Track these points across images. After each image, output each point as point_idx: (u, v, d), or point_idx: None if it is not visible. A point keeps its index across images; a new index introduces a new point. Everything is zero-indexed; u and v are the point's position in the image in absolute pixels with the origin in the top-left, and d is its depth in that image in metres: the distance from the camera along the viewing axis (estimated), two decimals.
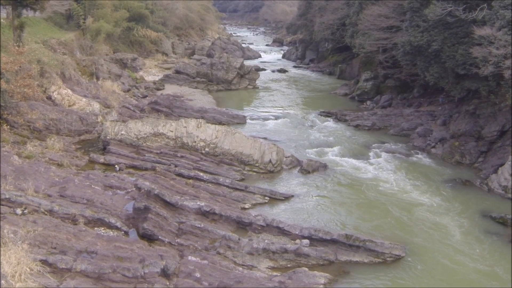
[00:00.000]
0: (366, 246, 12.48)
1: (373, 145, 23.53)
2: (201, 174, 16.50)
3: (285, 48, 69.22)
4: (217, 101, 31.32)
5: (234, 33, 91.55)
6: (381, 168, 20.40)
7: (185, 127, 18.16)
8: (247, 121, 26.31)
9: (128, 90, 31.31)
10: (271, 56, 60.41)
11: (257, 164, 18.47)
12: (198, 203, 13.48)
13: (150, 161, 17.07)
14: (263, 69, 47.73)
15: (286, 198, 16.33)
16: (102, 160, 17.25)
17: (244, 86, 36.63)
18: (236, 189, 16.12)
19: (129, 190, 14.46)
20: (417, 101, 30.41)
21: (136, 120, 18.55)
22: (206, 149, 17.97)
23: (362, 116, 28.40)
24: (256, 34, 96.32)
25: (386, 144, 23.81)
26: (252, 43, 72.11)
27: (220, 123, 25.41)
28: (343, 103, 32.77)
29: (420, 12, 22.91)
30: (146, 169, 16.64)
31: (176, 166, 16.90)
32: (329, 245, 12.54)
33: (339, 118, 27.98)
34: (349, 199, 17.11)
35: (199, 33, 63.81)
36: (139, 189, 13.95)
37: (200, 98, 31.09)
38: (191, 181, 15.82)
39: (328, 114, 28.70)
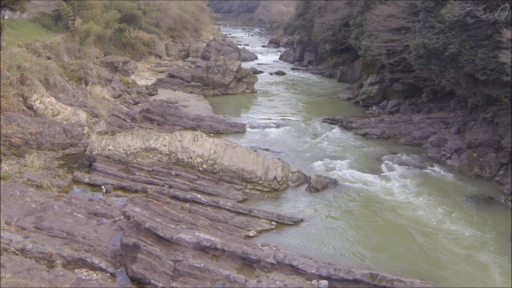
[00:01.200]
0: (394, 287, 10.64)
1: (385, 156, 21.73)
2: (199, 196, 14.59)
3: (282, 49, 67.37)
4: (214, 107, 29.42)
5: (229, 34, 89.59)
6: (395, 184, 18.60)
7: (180, 141, 16.26)
8: (246, 129, 24.45)
9: (119, 96, 29.37)
10: (268, 58, 58.56)
11: (260, 182, 16.60)
12: (196, 234, 11.59)
13: (141, 181, 15.15)
14: (261, 72, 45.88)
15: (295, 222, 14.47)
16: (87, 180, 15.32)
17: (242, 90, 34.75)
18: (239, 213, 14.26)
19: (117, 219, 12.55)
20: (427, 107, 28.66)
21: (125, 134, 16.62)
22: (204, 165, 16.08)
23: (369, 123, 26.61)
24: (252, 35, 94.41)
25: (398, 155, 22.01)
26: (247, 44, 70.22)
27: (217, 132, 23.58)
28: (347, 108, 30.97)
29: (435, 12, 21.13)
30: (136, 191, 14.72)
31: (170, 187, 14.99)
32: (351, 286, 10.70)
33: (345, 126, 26.16)
34: (365, 221, 15.29)
35: (193, 34, 61.84)
36: (128, 217, 12.07)
37: (196, 104, 29.18)
38: (187, 205, 13.91)
39: (333, 121, 26.88)
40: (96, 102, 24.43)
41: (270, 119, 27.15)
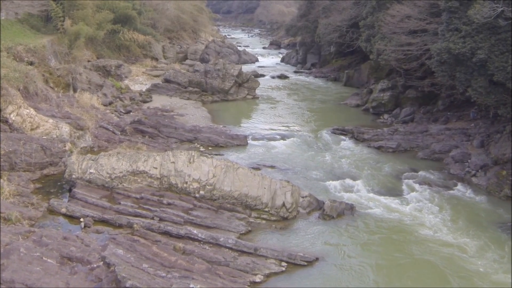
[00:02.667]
0: None
1: (404, 174, 19.49)
2: (195, 231, 12.31)
3: (283, 51, 65.18)
4: (213, 115, 27.16)
5: (228, 35, 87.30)
6: (419, 208, 16.36)
7: (173, 162, 13.97)
8: (248, 142, 22.18)
9: (110, 104, 27.07)
10: (269, 60, 56.30)
11: (266, 209, 14.35)
12: (192, 287, 9.33)
13: (127, 213, 12.87)
14: (262, 75, 43.65)
15: (309, 262, 12.22)
16: (64, 210, 13.05)
17: (243, 96, 32.48)
18: (243, 252, 12.01)
19: (95, 266, 10.26)
20: (443, 116, 26.40)
21: (110, 154, 14.33)
22: (201, 192, 13.80)
23: (382, 134, 24.38)
24: (251, 36, 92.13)
25: (418, 173, 19.77)
26: (248, 46, 67.97)
27: (217, 145, 21.32)
28: (356, 116, 28.73)
29: (460, 13, 18.89)
30: (120, 226, 12.43)
31: (161, 219, 12.72)
32: None
33: (356, 137, 23.91)
34: (390, 259, 13.05)
35: (191, 35, 59.53)
36: (107, 265, 9.81)
37: (193, 113, 26.90)
38: (181, 244, 11.63)
39: (343, 132, 24.62)
40: (83, 111, 22.14)
41: (274, 129, 24.87)
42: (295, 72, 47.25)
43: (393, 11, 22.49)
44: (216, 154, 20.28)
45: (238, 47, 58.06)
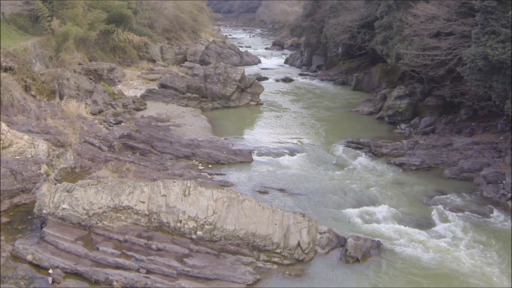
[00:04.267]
0: None
1: (432, 198, 16.97)
2: None
3: (287, 51, 62.62)
4: (213, 125, 24.63)
5: (229, 35, 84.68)
6: (455, 244, 13.85)
7: (164, 195, 11.45)
8: (253, 158, 19.66)
9: (100, 112, 24.56)
10: (272, 62, 53.70)
11: (278, 250, 11.86)
12: None
13: (105, 264, 10.33)
14: (265, 78, 41.11)
15: None
16: (29, 258, 10.52)
17: (246, 103, 29.95)
18: None
19: None
20: (467, 126, 23.86)
21: (88, 184, 11.77)
22: (199, 232, 11.28)
23: (402, 148, 21.85)
24: (253, 36, 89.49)
25: (447, 196, 17.25)
26: (249, 46, 65.39)
27: (217, 162, 18.82)
28: (370, 126, 26.19)
29: (498, 13, 16.37)
30: (97, 282, 9.89)
31: (148, 271, 10.20)
32: None
33: (374, 152, 21.37)
34: None
35: (191, 35, 56.99)
36: None
37: (191, 122, 24.37)
38: None
39: (358, 145, 22.08)
40: (67, 123, 19.62)
41: (281, 142, 22.33)
42: (300, 74, 44.70)
43: (416, 11, 19.95)
44: (217, 174, 17.79)
45: (240, 48, 55.49)
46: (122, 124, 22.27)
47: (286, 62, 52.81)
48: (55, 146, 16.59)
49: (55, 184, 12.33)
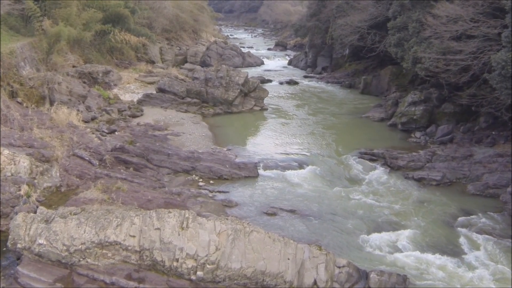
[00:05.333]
0: None
1: (457, 219, 15.26)
2: None
3: (290, 52, 60.92)
4: (215, 134, 22.92)
5: (230, 35, 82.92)
6: (488, 277, 12.15)
7: (157, 228, 9.73)
8: (259, 172, 17.93)
9: (93, 119, 22.87)
10: (276, 63, 51.95)
11: None
12: None
13: None
14: (269, 81, 39.41)
15: None
16: None
17: (249, 108, 28.22)
18: None
19: None
20: (488, 136, 22.14)
21: (69, 215, 10.06)
22: (199, 272, 9.55)
23: (419, 160, 20.14)
24: (255, 36, 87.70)
25: (473, 217, 15.54)
26: (251, 47, 63.66)
27: (220, 177, 17.11)
28: (382, 134, 24.45)
29: None
30: None
31: None
32: None
33: (389, 164, 19.65)
34: None
35: (192, 36, 55.26)
36: None
37: (191, 131, 22.64)
38: None
39: (372, 157, 20.36)
40: (54, 133, 17.93)
41: (288, 153, 20.59)
42: (305, 76, 42.96)
43: (437, 11, 18.20)
44: (219, 191, 16.08)
45: (242, 49, 53.74)
46: (116, 133, 20.56)
47: (289, 63, 51.09)
48: (39, 161, 14.89)
49: (33, 213, 10.59)
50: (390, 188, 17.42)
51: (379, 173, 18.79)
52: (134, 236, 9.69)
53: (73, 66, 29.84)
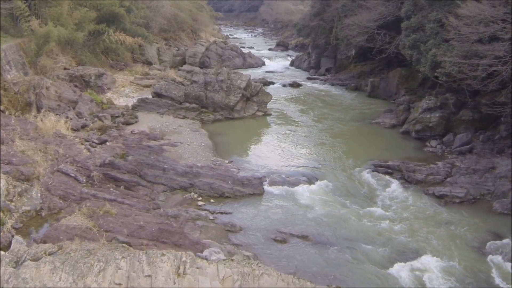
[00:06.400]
0: None
1: (486, 244, 13.57)
2: None
3: (291, 52, 59.19)
4: (215, 143, 21.22)
5: (230, 34, 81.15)
6: None
7: (148, 276, 8.01)
8: (265, 188, 16.21)
9: (83, 127, 21.15)
10: (277, 64, 50.21)
11: None
12: None
13: None
14: (271, 83, 37.73)
15: None
16: None
17: (252, 113, 26.50)
18: None
19: None
20: (510, 146, 20.45)
21: (44, 252, 8.37)
22: None
23: (438, 173, 18.44)
24: (255, 36, 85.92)
25: (503, 241, 13.84)
26: (252, 47, 61.93)
27: (221, 195, 15.41)
28: (395, 143, 22.77)
29: None
30: None
31: None
32: None
33: (406, 178, 17.95)
34: None
35: (190, 36, 53.47)
36: None
37: (190, 139, 20.94)
38: None
39: (387, 170, 18.65)
40: (38, 146, 16.20)
41: (295, 165, 18.87)
42: (308, 78, 41.22)
43: (463, 10, 16.48)
44: (221, 212, 14.36)
45: (242, 49, 51.98)
46: (108, 143, 18.82)
47: (292, 64, 49.35)
48: (17, 180, 13.18)
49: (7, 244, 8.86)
50: (410, 207, 15.72)
51: (396, 188, 17.08)
52: (120, 284, 7.96)
53: (65, 69, 28.11)
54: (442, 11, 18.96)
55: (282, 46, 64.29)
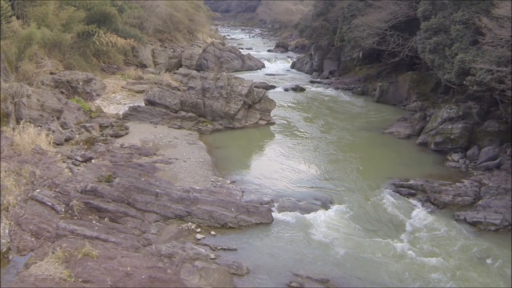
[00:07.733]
0: None
1: None
2: None
3: (291, 54, 57.08)
4: (214, 157, 19.08)
5: (227, 35, 78.96)
6: None
7: None
8: (273, 215, 14.06)
9: (67, 140, 18.98)
10: (278, 66, 48.09)
11: None
12: None
13: None
14: (272, 87, 35.56)
15: None
16: None
17: (254, 122, 24.36)
18: None
19: None
20: None
21: None
22: None
23: (466, 193, 16.40)
24: (253, 36, 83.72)
25: None
26: (251, 48, 59.79)
27: (223, 225, 13.27)
28: (413, 156, 20.67)
29: None
30: None
31: None
32: None
33: (432, 201, 15.83)
34: None
35: (187, 36, 51.28)
36: None
37: (186, 154, 18.78)
38: None
39: (410, 191, 16.51)
40: (13, 165, 14.01)
41: (306, 186, 16.70)
42: (311, 82, 39.11)
43: (499, 11, 14.41)
44: (224, 248, 12.19)
45: (241, 50, 49.81)
46: (93, 161, 16.62)
47: (293, 66, 47.22)
48: None
49: None
50: (440, 237, 13.61)
51: (421, 213, 14.98)
52: None
53: (51, 73, 25.92)
54: (470, 11, 16.90)
55: (282, 47, 62.17)
